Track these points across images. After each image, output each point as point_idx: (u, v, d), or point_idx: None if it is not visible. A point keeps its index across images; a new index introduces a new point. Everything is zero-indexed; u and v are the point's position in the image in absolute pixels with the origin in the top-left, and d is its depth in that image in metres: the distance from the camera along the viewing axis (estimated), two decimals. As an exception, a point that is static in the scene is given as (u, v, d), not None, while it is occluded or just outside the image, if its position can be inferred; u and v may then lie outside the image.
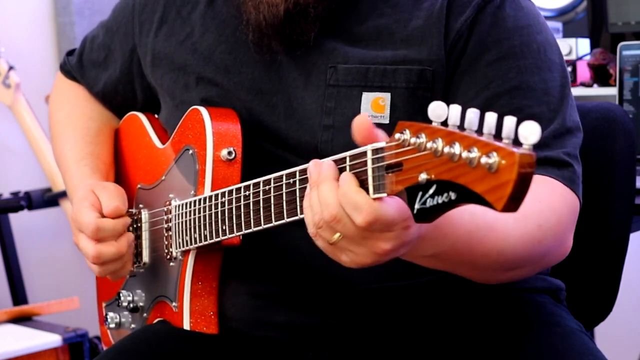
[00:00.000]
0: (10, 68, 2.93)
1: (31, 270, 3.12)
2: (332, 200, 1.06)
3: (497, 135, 0.92)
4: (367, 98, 1.35)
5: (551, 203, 1.27)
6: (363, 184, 1.06)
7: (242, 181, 1.29)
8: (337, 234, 1.08)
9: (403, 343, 1.39)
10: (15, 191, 2.98)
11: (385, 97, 1.34)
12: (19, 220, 3.06)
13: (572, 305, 1.53)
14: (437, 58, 1.34)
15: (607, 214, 1.54)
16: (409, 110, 1.34)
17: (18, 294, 3.00)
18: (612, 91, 2.23)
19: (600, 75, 2.47)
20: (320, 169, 1.09)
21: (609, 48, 2.58)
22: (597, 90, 2.48)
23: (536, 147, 1.27)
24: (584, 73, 2.52)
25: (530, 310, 1.40)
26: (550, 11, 2.80)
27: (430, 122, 0.98)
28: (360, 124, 1.06)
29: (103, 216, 1.44)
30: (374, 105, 1.35)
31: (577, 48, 2.56)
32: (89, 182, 1.53)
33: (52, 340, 2.64)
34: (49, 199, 2.97)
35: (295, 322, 1.38)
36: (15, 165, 3.15)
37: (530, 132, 0.90)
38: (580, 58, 2.56)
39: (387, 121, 1.34)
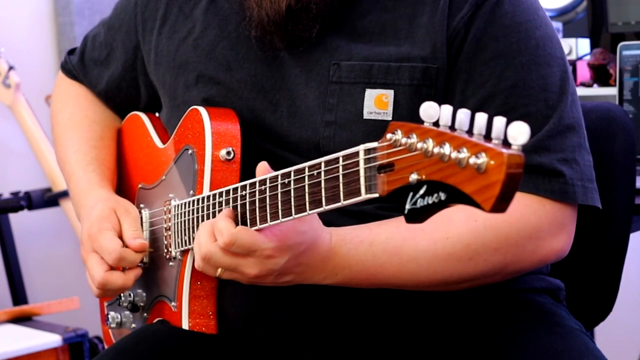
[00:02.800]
0: (10, 68, 2.93)
1: (31, 270, 3.12)
2: (201, 241, 1.24)
3: (488, 135, 0.92)
4: (370, 95, 1.35)
5: (493, 220, 1.28)
6: (355, 184, 1.07)
7: (241, 181, 1.29)
8: (219, 269, 1.25)
9: (403, 343, 1.39)
10: (15, 191, 2.98)
11: (389, 93, 1.34)
12: (19, 220, 3.06)
13: (572, 305, 1.52)
14: (440, 55, 1.34)
15: (607, 214, 1.53)
16: (412, 107, 1.33)
17: (18, 294, 3.00)
18: (612, 91, 2.23)
19: (600, 75, 2.46)
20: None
21: (609, 48, 2.57)
22: (597, 90, 2.47)
23: (531, 149, 1.29)
24: (584, 73, 2.52)
25: (530, 310, 1.40)
26: (550, 11, 2.79)
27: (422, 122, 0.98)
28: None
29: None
30: (377, 102, 1.35)
31: (577, 48, 2.56)
32: (105, 194, 1.51)
33: (52, 340, 2.64)
34: (49, 199, 2.97)
35: (295, 322, 1.38)
36: (15, 165, 3.15)
37: (519, 132, 0.89)
38: (580, 58, 2.55)
39: (390, 118, 1.34)
